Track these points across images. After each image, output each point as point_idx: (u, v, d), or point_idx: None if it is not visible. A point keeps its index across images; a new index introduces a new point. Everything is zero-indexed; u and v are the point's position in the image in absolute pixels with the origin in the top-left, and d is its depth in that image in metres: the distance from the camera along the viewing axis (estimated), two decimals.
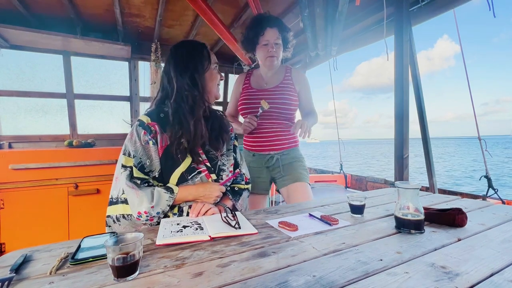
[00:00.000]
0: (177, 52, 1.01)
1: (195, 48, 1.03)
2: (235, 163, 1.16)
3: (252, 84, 1.49)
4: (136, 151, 0.93)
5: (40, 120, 2.73)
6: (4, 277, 0.53)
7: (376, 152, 48.16)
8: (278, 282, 0.51)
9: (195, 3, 1.96)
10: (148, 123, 0.96)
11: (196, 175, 0.98)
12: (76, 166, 2.27)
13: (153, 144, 0.95)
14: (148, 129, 0.95)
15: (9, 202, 2.05)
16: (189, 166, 0.97)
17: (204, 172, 1.00)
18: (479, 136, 1.78)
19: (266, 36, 1.35)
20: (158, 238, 0.73)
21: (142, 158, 0.93)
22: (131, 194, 0.88)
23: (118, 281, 0.53)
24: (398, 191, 0.80)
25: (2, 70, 2.54)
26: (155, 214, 0.89)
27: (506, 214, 0.92)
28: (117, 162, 0.97)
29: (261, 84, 1.48)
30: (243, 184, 1.15)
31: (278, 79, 1.46)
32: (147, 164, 0.94)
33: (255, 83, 1.50)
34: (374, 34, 2.24)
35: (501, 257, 0.60)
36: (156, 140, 0.95)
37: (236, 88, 1.57)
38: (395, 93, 1.86)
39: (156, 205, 0.88)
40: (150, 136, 0.94)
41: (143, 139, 0.94)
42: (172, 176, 0.95)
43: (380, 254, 0.62)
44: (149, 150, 0.94)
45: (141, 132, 0.94)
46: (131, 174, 0.91)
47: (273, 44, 1.36)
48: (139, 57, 3.02)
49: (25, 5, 2.16)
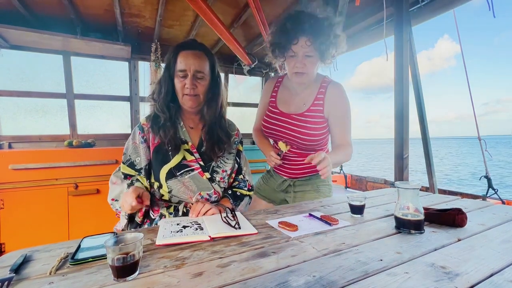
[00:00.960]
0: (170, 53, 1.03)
1: (174, 48, 1.02)
2: (238, 168, 1.15)
3: (278, 102, 1.27)
4: (127, 149, 1.03)
5: (40, 120, 2.73)
6: (4, 277, 0.53)
7: (377, 153, 47.99)
8: (278, 282, 0.51)
9: (195, 3, 1.96)
10: (143, 124, 1.04)
11: (186, 172, 1.00)
12: (76, 166, 2.27)
13: (141, 142, 1.01)
14: (141, 129, 1.03)
15: (9, 202, 2.05)
16: (179, 163, 0.99)
17: (197, 170, 1.01)
18: (479, 136, 1.78)
19: (297, 45, 1.06)
20: (158, 238, 0.73)
21: (131, 156, 1.02)
22: (110, 187, 1.01)
23: (118, 281, 0.53)
24: (398, 191, 0.80)
25: (2, 70, 2.54)
26: (118, 207, 0.97)
27: (506, 214, 0.92)
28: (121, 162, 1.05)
29: (288, 103, 1.24)
30: (246, 191, 1.14)
31: (308, 99, 1.19)
32: (137, 162, 1.01)
33: (282, 100, 1.27)
34: (374, 34, 2.24)
35: (501, 257, 0.60)
36: (146, 138, 1.02)
37: (264, 98, 1.35)
38: (395, 93, 1.86)
39: (118, 199, 0.97)
40: (141, 135, 1.01)
41: (137, 139, 1.03)
42: (160, 171, 0.99)
43: (380, 254, 0.62)
44: (139, 149, 1.02)
45: (136, 132, 1.03)
46: (119, 169, 1.03)
47: (303, 57, 1.08)
48: (139, 57, 3.02)
49: (25, 5, 2.16)
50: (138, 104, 3.11)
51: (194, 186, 1.00)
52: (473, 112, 1.79)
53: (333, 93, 1.17)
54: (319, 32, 1.04)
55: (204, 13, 2.07)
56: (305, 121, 1.17)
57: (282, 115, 1.23)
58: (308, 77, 1.15)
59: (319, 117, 1.17)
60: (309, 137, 1.17)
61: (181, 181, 0.99)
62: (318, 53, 1.08)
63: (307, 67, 1.10)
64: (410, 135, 1.84)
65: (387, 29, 1.94)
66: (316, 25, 1.04)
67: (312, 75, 1.16)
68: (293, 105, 1.23)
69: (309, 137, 1.17)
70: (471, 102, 1.82)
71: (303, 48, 1.06)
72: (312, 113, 1.17)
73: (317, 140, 1.20)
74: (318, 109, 1.17)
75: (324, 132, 1.20)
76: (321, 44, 1.06)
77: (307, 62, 1.09)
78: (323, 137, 1.21)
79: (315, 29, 1.04)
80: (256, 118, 1.42)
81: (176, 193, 1.00)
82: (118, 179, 1.01)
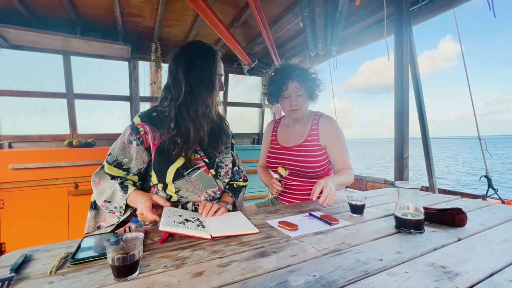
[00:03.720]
0: (188, 54, 0.98)
1: (208, 53, 0.99)
2: (233, 160, 1.17)
3: (279, 139, 1.44)
4: (113, 149, 0.98)
5: (40, 120, 2.73)
6: (4, 277, 0.53)
7: (378, 152, 47.79)
8: (278, 282, 0.51)
9: (195, 3, 1.96)
10: (137, 124, 0.98)
11: (193, 170, 0.99)
12: (76, 166, 2.27)
13: (137, 144, 0.96)
14: (135, 129, 0.97)
15: (9, 202, 2.05)
16: (184, 162, 0.98)
17: (203, 168, 1.01)
18: (479, 136, 1.78)
19: (288, 89, 1.29)
20: (161, 223, 0.73)
21: (118, 156, 0.97)
22: (94, 188, 0.98)
23: (118, 281, 0.53)
24: (398, 191, 0.80)
25: (2, 70, 2.54)
26: (112, 208, 0.94)
27: (506, 214, 0.92)
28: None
29: (287, 138, 1.41)
30: (241, 182, 1.18)
31: (304, 132, 1.36)
32: (124, 162, 0.97)
33: (282, 137, 1.44)
34: (374, 34, 2.24)
35: (501, 257, 0.60)
36: (143, 140, 0.97)
37: (265, 138, 1.53)
38: (395, 93, 1.86)
39: (112, 200, 0.93)
40: (136, 137, 0.96)
41: (127, 139, 0.97)
42: (167, 172, 0.96)
43: (380, 254, 0.62)
44: (129, 149, 0.97)
45: (127, 132, 0.98)
46: (101, 169, 0.99)
47: (296, 97, 1.29)
48: (139, 57, 3.02)
49: (25, 5, 2.15)
50: (138, 104, 3.11)
51: (201, 185, 1.00)
52: (473, 112, 1.79)
53: (325, 124, 1.34)
54: (303, 76, 1.29)
55: (204, 13, 2.07)
56: (304, 150, 1.31)
57: (284, 149, 1.38)
58: (302, 112, 1.33)
59: (316, 145, 1.30)
60: (310, 164, 1.28)
61: (188, 180, 0.98)
62: (307, 92, 1.31)
63: (300, 104, 1.30)
64: (411, 135, 1.85)
65: (387, 29, 1.94)
66: (299, 72, 1.30)
67: (305, 110, 1.36)
68: (292, 139, 1.39)
69: (310, 164, 1.28)
70: (471, 102, 1.82)
71: (294, 90, 1.29)
72: (309, 142, 1.32)
73: (319, 167, 1.29)
74: (314, 138, 1.32)
75: (323, 159, 1.30)
76: (308, 83, 1.30)
77: (299, 100, 1.30)
78: (323, 163, 1.30)
79: (299, 75, 1.29)
80: (261, 156, 1.55)
81: (183, 193, 0.99)
82: (102, 180, 0.96)
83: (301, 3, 1.98)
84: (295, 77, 1.28)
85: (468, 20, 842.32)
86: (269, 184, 1.28)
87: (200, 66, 0.97)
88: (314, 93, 1.34)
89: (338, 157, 1.30)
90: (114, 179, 0.96)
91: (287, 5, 2.27)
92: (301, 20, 2.16)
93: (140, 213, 0.85)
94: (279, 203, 1.44)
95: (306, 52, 2.71)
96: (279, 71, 1.35)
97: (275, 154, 1.40)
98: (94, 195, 0.98)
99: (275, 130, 1.49)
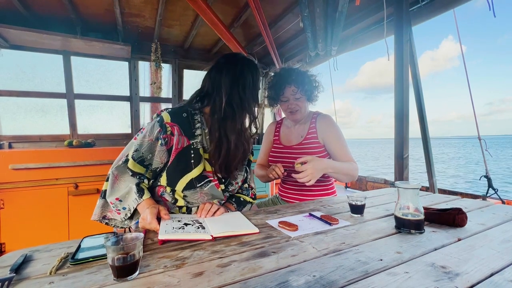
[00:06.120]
0: (237, 66, 0.97)
1: (255, 68, 1.01)
2: (245, 177, 1.14)
3: (281, 139, 1.49)
4: (140, 145, 0.94)
5: (40, 120, 2.72)
6: (4, 277, 0.53)
7: (379, 154, 47.56)
8: (278, 282, 0.51)
9: (195, 3, 1.96)
10: (167, 122, 0.94)
11: (205, 183, 0.96)
12: (76, 166, 2.27)
13: (161, 144, 0.93)
14: (164, 128, 0.94)
15: (9, 202, 2.05)
16: (200, 174, 0.95)
17: (214, 182, 0.98)
18: (479, 136, 1.78)
19: (285, 94, 1.36)
20: (160, 233, 0.73)
21: (144, 153, 0.93)
22: (110, 182, 0.92)
23: (118, 281, 0.53)
24: (398, 191, 0.80)
25: (2, 70, 2.54)
26: (120, 208, 0.90)
27: (506, 214, 0.92)
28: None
29: (289, 138, 1.46)
30: (249, 198, 1.14)
31: (304, 131, 1.42)
32: (147, 158, 0.94)
33: (284, 137, 1.49)
34: (374, 34, 2.24)
35: (501, 257, 0.60)
36: (168, 141, 0.94)
37: (267, 138, 1.56)
38: (395, 93, 1.86)
39: (123, 200, 0.90)
40: (162, 136, 0.93)
41: (155, 136, 0.94)
42: (180, 181, 0.94)
43: (380, 254, 0.62)
44: (154, 146, 0.94)
45: (156, 130, 0.94)
46: (125, 163, 0.93)
47: (294, 100, 1.35)
48: (139, 57, 3.01)
49: (25, 5, 2.15)
50: (138, 104, 3.11)
51: (210, 196, 0.99)
52: (473, 112, 1.78)
53: (322, 122, 1.39)
54: (299, 80, 1.34)
55: (204, 13, 2.07)
56: (304, 148, 1.37)
57: (286, 148, 1.43)
58: (301, 114, 1.39)
59: (316, 143, 1.36)
60: None
61: (199, 192, 0.96)
62: (304, 95, 1.36)
63: (299, 106, 1.36)
64: (412, 135, 1.84)
65: (387, 29, 1.94)
66: (295, 76, 1.34)
67: (304, 112, 1.40)
68: (293, 139, 1.44)
69: None
70: (471, 102, 1.82)
71: (292, 93, 1.34)
72: (308, 141, 1.37)
73: None
74: (313, 136, 1.38)
75: (323, 156, 1.34)
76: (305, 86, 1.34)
77: (297, 103, 1.35)
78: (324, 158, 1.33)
79: (296, 79, 1.33)
80: (259, 155, 1.58)
81: (190, 200, 0.97)
82: (121, 175, 0.93)
83: (301, 3, 1.98)
84: (292, 82, 1.33)
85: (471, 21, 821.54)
86: (270, 170, 1.27)
87: (249, 79, 0.97)
88: (312, 95, 1.39)
89: (337, 150, 1.33)
90: (134, 176, 0.93)
91: (287, 5, 2.27)
92: (301, 20, 2.16)
93: (144, 218, 0.83)
94: (280, 202, 1.45)
95: (306, 52, 2.72)
96: (277, 76, 1.40)
97: (278, 153, 1.45)
98: (108, 189, 0.93)
99: (278, 130, 1.54)
